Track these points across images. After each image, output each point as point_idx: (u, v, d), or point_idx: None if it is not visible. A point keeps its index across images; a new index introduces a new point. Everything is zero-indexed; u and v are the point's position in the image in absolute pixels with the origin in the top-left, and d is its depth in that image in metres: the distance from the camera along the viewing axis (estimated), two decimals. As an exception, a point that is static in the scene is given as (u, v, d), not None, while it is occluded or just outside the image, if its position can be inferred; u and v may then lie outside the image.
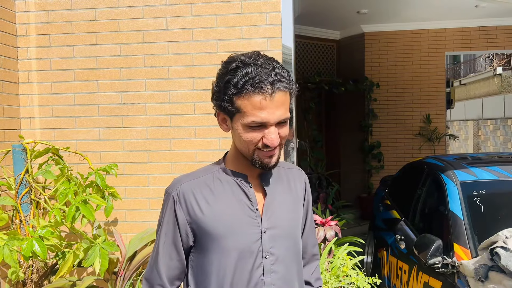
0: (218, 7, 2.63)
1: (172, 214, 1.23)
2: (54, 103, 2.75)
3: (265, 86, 1.11)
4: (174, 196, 1.23)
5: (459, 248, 2.63)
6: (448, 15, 6.93)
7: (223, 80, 1.14)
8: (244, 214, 1.22)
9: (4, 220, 2.28)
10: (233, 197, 1.23)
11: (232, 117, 1.17)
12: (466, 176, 3.12)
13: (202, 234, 1.21)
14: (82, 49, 2.73)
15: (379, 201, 4.82)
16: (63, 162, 2.39)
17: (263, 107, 1.12)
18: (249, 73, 1.11)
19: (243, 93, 1.12)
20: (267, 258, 1.23)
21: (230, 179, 1.25)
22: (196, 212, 1.21)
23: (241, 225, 1.21)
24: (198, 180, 1.24)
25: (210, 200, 1.22)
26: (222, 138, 2.66)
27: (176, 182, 1.26)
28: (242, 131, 1.15)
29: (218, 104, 1.17)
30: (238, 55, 1.17)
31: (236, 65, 1.13)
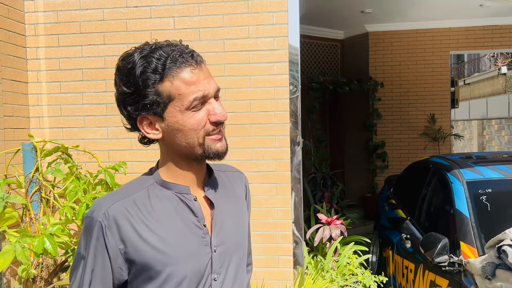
0: (225, 7, 2.64)
1: (100, 245, 0.98)
2: (63, 103, 2.78)
3: (188, 58, 0.98)
4: (102, 222, 0.98)
5: (466, 247, 2.63)
6: (453, 15, 6.93)
7: (135, 74, 0.96)
8: (192, 234, 1.03)
9: (14, 218, 2.30)
10: (176, 215, 1.03)
11: (163, 111, 0.99)
12: (472, 175, 3.13)
13: (141, 265, 0.99)
14: (90, 49, 2.75)
15: (384, 201, 4.83)
16: (72, 161, 2.42)
17: (196, 80, 0.98)
18: (162, 54, 0.97)
19: (168, 74, 0.97)
20: (216, 280, 1.06)
21: (169, 193, 1.04)
22: (133, 238, 0.98)
23: (189, 248, 1.02)
24: (130, 199, 1.02)
25: (149, 222, 1.00)
26: (229, 137, 2.67)
27: (102, 203, 1.02)
28: (183, 120, 0.99)
29: (139, 105, 0.98)
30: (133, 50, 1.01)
31: (142, 53, 0.97)
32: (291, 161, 2.64)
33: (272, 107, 2.60)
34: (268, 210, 2.68)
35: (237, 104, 2.65)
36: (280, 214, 2.66)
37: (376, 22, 7.28)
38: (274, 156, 2.66)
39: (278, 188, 2.65)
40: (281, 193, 2.64)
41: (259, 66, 2.62)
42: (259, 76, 2.62)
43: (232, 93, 2.66)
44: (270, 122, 2.61)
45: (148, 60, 0.96)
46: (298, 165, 2.65)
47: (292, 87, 2.59)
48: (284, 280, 2.66)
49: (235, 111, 2.66)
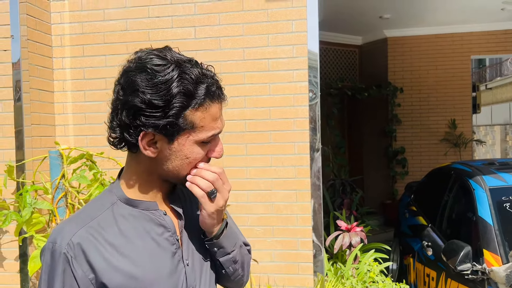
0: (245, 16, 2.69)
1: (68, 279, 0.90)
2: (87, 111, 2.85)
3: (220, 93, 0.95)
4: (67, 254, 0.90)
5: (489, 255, 2.60)
6: (473, 19, 6.85)
7: (170, 90, 0.88)
8: (164, 252, 0.98)
9: (41, 223, 2.37)
10: (146, 234, 0.97)
11: (175, 136, 0.92)
12: (495, 181, 3.09)
13: None
14: (114, 58, 2.83)
15: (404, 207, 4.79)
16: (96, 167, 2.48)
17: (219, 116, 0.96)
18: (203, 78, 0.91)
19: (203, 105, 0.91)
20: None
21: (136, 211, 0.97)
22: (103, 267, 0.91)
23: (164, 268, 0.97)
24: (94, 222, 0.94)
25: (119, 246, 0.93)
26: (249, 144, 2.71)
27: (64, 232, 0.93)
28: (192, 150, 0.94)
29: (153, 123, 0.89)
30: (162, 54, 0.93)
31: (180, 68, 0.90)
32: (310, 167, 2.66)
33: (291, 114, 2.63)
34: (288, 217, 2.69)
35: (256, 112, 2.68)
36: (300, 221, 2.67)
37: (395, 28, 7.24)
38: (294, 162, 2.67)
39: (298, 194, 2.66)
40: (301, 199, 2.65)
41: (279, 73, 2.65)
42: (279, 83, 2.65)
43: (252, 100, 2.69)
44: (290, 129, 2.63)
45: (187, 80, 0.89)
46: (317, 172, 2.66)
47: (311, 94, 2.61)
48: (304, 287, 2.67)
49: (255, 118, 2.69)
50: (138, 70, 0.91)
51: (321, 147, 3.98)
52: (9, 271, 2.64)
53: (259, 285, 2.71)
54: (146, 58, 0.93)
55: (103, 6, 2.82)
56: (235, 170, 2.70)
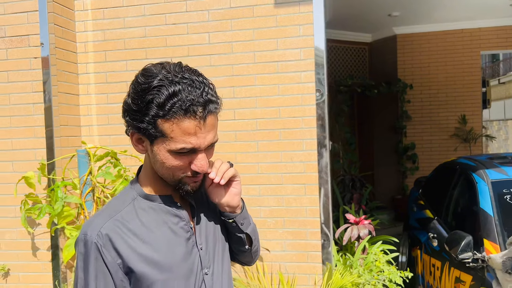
0: (255, 22, 2.87)
1: (100, 265, 1.03)
2: (110, 112, 3.07)
3: (197, 110, 0.97)
4: (97, 243, 1.02)
5: (489, 244, 2.73)
6: (482, 15, 6.90)
7: (144, 98, 0.97)
8: (180, 238, 1.11)
9: (71, 216, 2.60)
10: (164, 224, 1.10)
11: (153, 140, 1.01)
12: (497, 175, 3.20)
13: (139, 275, 1.05)
14: (134, 63, 3.03)
15: (413, 202, 4.92)
16: (120, 164, 2.70)
17: (193, 132, 0.99)
18: (177, 93, 0.96)
19: (171, 117, 0.96)
20: (208, 274, 1.15)
21: (155, 205, 1.10)
22: (129, 253, 1.04)
23: (180, 253, 1.10)
24: (119, 216, 1.07)
25: (142, 235, 1.06)
26: (260, 141, 2.89)
27: (93, 225, 1.06)
28: (166, 157, 1.02)
29: (135, 125, 1.00)
30: (158, 67, 1.01)
31: (160, 82, 0.96)
32: (318, 163, 2.83)
33: (299, 113, 2.80)
34: (297, 209, 2.87)
35: (267, 111, 2.87)
36: (309, 212, 2.85)
37: (404, 25, 7.32)
38: (302, 158, 2.85)
39: (307, 188, 2.84)
40: (309, 193, 2.83)
41: (287, 75, 2.82)
42: (287, 84, 2.82)
43: (262, 101, 2.87)
44: (298, 127, 2.81)
45: (161, 92, 0.95)
46: (325, 167, 2.83)
47: (318, 94, 2.78)
48: (313, 274, 2.85)
49: (265, 117, 2.88)
50: (135, 76, 1.04)
51: (331, 143, 4.14)
52: (42, 260, 2.88)
53: (271, 273, 2.90)
54: (144, 69, 1.03)
55: (123, 14, 3.03)
56: (248, 166, 2.89)
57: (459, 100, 7.47)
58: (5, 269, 2.89)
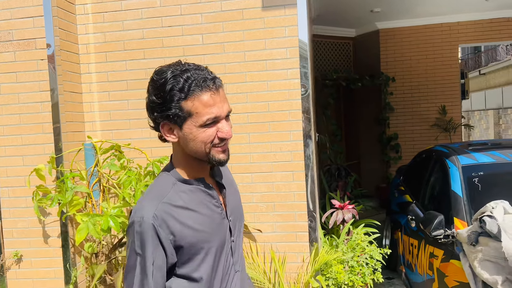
0: (245, 24, 3.13)
1: (156, 242, 1.20)
2: (112, 109, 3.31)
3: (210, 84, 1.18)
4: (154, 224, 1.19)
5: (458, 221, 3.04)
6: (460, 9, 7.18)
7: (165, 89, 1.17)
8: (215, 213, 1.31)
9: (80, 204, 2.85)
10: (201, 203, 1.29)
11: (182, 123, 1.20)
12: (467, 160, 3.51)
13: (186, 248, 1.23)
14: (133, 63, 3.27)
15: (394, 188, 5.24)
16: (124, 157, 2.95)
17: (213, 103, 1.18)
18: (190, 76, 1.17)
19: (191, 95, 1.16)
20: (234, 241, 1.37)
21: (192, 187, 1.28)
22: (178, 229, 1.22)
23: (216, 224, 1.30)
24: (167, 199, 1.24)
25: (186, 214, 1.25)
26: (251, 133, 3.17)
27: (146, 208, 1.22)
28: (197, 132, 1.20)
29: (164, 115, 1.19)
30: (165, 66, 1.21)
31: (173, 73, 1.17)
32: (304, 152, 3.12)
33: (287, 106, 3.08)
34: (286, 194, 3.16)
35: (257, 106, 3.14)
36: (297, 196, 3.14)
37: (386, 20, 7.59)
38: (290, 148, 3.13)
39: (294, 175, 3.12)
40: (297, 179, 3.12)
41: (275, 72, 3.10)
42: (275, 81, 3.10)
43: (253, 96, 3.15)
44: (286, 119, 3.09)
45: (177, 80, 1.16)
46: (311, 155, 3.12)
47: (303, 89, 3.06)
48: (302, 252, 3.15)
49: (256, 111, 3.15)
50: (150, 79, 1.25)
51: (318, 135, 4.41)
52: (53, 246, 3.12)
53: (264, 252, 3.19)
54: (155, 71, 1.24)
55: (122, 18, 3.26)
56: (241, 156, 3.16)
57: (439, 92, 7.79)
58: (18, 255, 3.12)
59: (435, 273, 3.13)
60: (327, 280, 3.11)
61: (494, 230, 2.48)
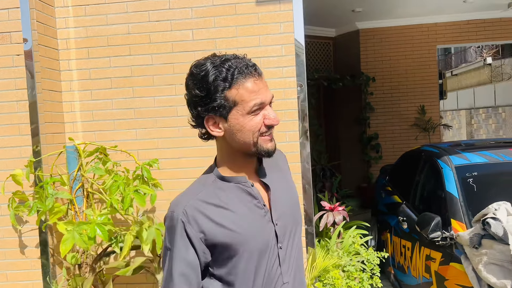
0: (238, 19, 2.98)
1: (184, 239, 1.18)
2: (94, 109, 3.09)
3: (252, 70, 1.16)
4: (182, 219, 1.17)
5: (456, 223, 2.99)
6: (438, 10, 7.29)
7: (208, 81, 1.14)
8: (255, 214, 1.23)
9: (62, 212, 2.63)
10: (240, 202, 1.22)
11: (228, 114, 1.16)
12: (460, 160, 3.49)
13: (220, 248, 1.19)
14: (118, 60, 3.07)
15: (380, 188, 5.19)
16: (110, 160, 2.74)
17: (257, 89, 1.16)
18: (231, 65, 1.14)
19: (235, 83, 1.14)
20: (282, 248, 1.25)
21: (231, 185, 1.23)
22: (209, 227, 1.18)
23: (256, 226, 1.22)
24: (201, 196, 1.21)
25: (220, 212, 1.20)
26: (245, 134, 3.02)
27: (178, 204, 1.21)
28: (244, 121, 1.16)
29: (209, 107, 1.16)
30: (202, 59, 1.19)
31: (213, 64, 1.15)
32: (300, 153, 2.99)
33: (283, 106, 2.95)
34: (282, 198, 3.03)
35: (252, 105, 2.99)
36: (293, 200, 3.01)
37: (366, 20, 7.61)
38: (285, 149, 2.99)
39: (290, 177, 2.99)
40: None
41: (270, 70, 2.96)
42: (270, 79, 2.96)
43: (247, 95, 3.00)
44: (282, 119, 2.95)
45: (220, 70, 1.14)
46: (307, 157, 3.00)
47: (299, 88, 2.94)
48: (298, 258, 3.02)
49: (250, 111, 3.00)
50: (188, 74, 1.22)
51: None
52: (30, 257, 2.88)
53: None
54: (193, 65, 1.21)
55: (105, 11, 3.05)
56: (234, 158, 3.00)
57: (418, 92, 7.87)
58: (-9, 268, 2.87)
59: (433, 276, 3.07)
60: (324, 286, 3.00)
61: (499, 232, 2.43)
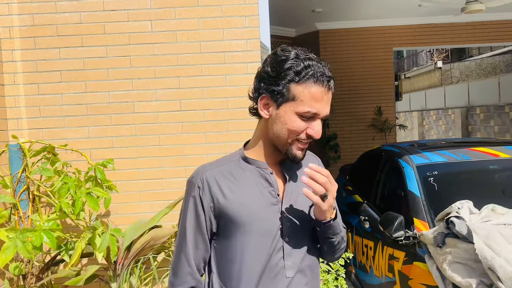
0: (200, 11, 2.83)
1: (197, 202, 1.26)
2: (42, 104, 2.83)
3: (325, 81, 1.18)
4: (198, 184, 1.26)
5: (419, 222, 3.00)
6: (395, 14, 7.46)
7: (283, 66, 1.18)
8: (266, 199, 1.26)
9: (4, 217, 2.37)
10: (255, 184, 1.27)
11: (281, 103, 1.20)
12: (420, 159, 3.51)
13: (225, 220, 1.25)
14: (68, 51, 2.83)
15: (340, 188, 5.19)
16: (59, 160, 2.51)
17: (320, 99, 1.18)
18: (311, 65, 1.17)
19: (304, 82, 1.17)
20: (288, 242, 1.26)
21: (251, 167, 1.28)
22: (220, 198, 1.24)
23: (263, 210, 1.25)
24: (221, 169, 1.28)
25: (233, 187, 1.25)
26: (208, 133, 2.87)
27: (200, 170, 1.29)
28: (291, 118, 1.20)
29: (270, 88, 1.20)
30: (291, 47, 1.22)
31: (296, 56, 1.19)
32: (265, 152, 2.88)
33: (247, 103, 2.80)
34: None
35: (215, 102, 2.85)
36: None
37: (326, 21, 7.67)
38: (249, 148, 2.88)
39: (255, 178, 2.88)
40: (258, 182, 2.87)
41: (234, 66, 2.83)
42: (235, 75, 2.83)
43: (210, 91, 2.85)
44: (246, 117, 2.81)
45: (298, 63, 1.17)
46: (272, 156, 2.90)
47: (265, 85, 2.83)
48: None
49: (213, 108, 2.86)
50: (272, 53, 1.26)
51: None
52: (-33, 268, 2.59)
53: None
54: (281, 47, 1.24)
55: (54, -2, 2.80)
56: (196, 158, 2.85)
57: (375, 93, 8.03)
58: None
59: (397, 276, 3.06)
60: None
61: (463, 231, 2.43)
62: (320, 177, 1.18)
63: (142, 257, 2.63)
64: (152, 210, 2.83)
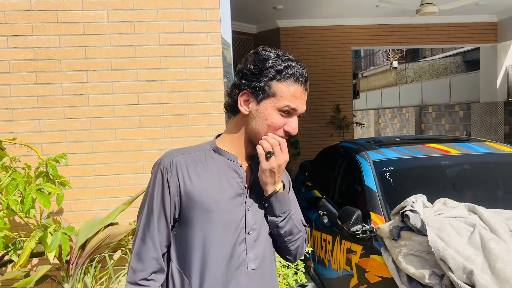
0: (159, 2, 2.75)
1: (164, 184, 1.27)
2: (-13, 95, 2.66)
3: (303, 81, 1.28)
4: (166, 166, 1.27)
5: (375, 216, 3.08)
6: (353, 13, 7.63)
7: (265, 64, 1.25)
8: (233, 190, 1.30)
9: None
10: (223, 174, 1.30)
11: (262, 99, 1.26)
12: (377, 155, 3.61)
13: (189, 206, 1.27)
14: (17, 39, 2.67)
15: (300, 184, 5.25)
16: (7, 154, 2.36)
17: (298, 97, 1.27)
18: (291, 66, 1.26)
19: (285, 80, 1.25)
20: (250, 234, 1.30)
21: (222, 158, 1.32)
22: (187, 183, 1.26)
23: (228, 201, 1.29)
24: (191, 155, 1.31)
25: (202, 174, 1.28)
26: (167, 127, 2.80)
27: (169, 154, 1.32)
28: (271, 114, 1.26)
29: (252, 84, 1.26)
30: (273, 48, 1.31)
31: (278, 55, 1.27)
32: (225, 148, 2.85)
33: (208, 98, 2.78)
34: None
35: (174, 96, 2.79)
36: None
37: (287, 18, 7.72)
38: (210, 144, 2.84)
39: (215, 173, 2.84)
40: (218, 178, 2.84)
41: (195, 59, 2.78)
42: (195, 69, 2.78)
43: (169, 84, 2.78)
44: (207, 112, 2.79)
45: (279, 62, 1.25)
46: (232, 152, 2.87)
47: (226, 79, 2.80)
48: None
49: (173, 102, 2.80)
50: (253, 52, 1.32)
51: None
52: None
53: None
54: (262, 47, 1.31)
55: (2, -18, 2.64)
56: (154, 153, 2.78)
57: (333, 91, 8.19)
58: None
59: (354, 269, 3.13)
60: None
61: (417, 224, 2.52)
62: (271, 138, 1.27)
63: (97, 256, 2.53)
64: (108, 207, 2.73)
